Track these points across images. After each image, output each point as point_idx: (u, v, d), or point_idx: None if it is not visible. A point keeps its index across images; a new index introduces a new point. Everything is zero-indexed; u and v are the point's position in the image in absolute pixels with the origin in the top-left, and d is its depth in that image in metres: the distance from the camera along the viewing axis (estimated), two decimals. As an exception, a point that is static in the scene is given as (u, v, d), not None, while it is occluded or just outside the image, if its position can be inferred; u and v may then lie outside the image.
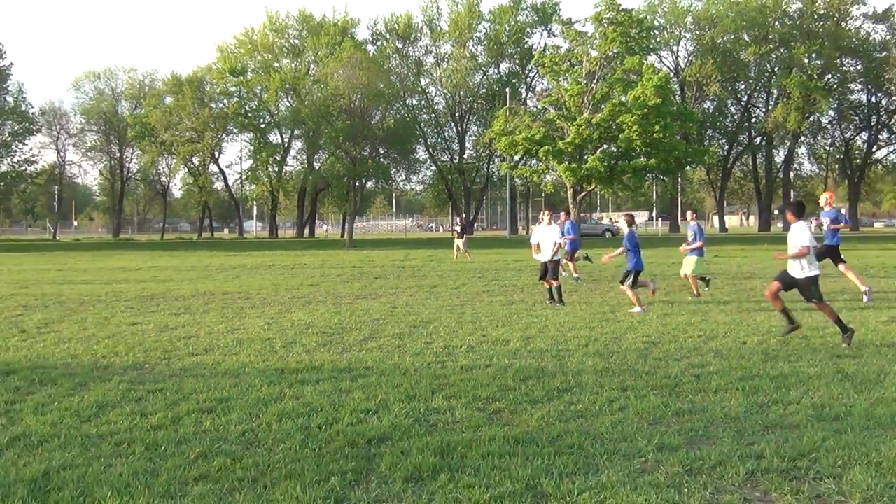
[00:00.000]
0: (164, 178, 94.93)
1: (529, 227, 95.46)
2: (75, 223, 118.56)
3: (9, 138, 60.59)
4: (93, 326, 12.78)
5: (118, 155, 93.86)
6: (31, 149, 64.81)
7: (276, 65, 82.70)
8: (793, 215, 11.06)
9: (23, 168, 61.34)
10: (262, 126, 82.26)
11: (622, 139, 45.25)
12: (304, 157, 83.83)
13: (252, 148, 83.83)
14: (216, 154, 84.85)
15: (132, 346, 10.65)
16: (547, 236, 16.08)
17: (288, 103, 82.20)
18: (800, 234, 10.70)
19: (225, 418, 6.83)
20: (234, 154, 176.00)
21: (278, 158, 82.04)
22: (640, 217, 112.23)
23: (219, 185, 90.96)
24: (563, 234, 17.92)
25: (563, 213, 23.75)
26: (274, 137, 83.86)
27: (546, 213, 16.56)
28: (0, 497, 4.95)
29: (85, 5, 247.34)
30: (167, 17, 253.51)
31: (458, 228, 36.03)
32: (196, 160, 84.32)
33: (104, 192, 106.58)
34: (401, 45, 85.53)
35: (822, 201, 16.79)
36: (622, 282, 14.61)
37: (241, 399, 7.53)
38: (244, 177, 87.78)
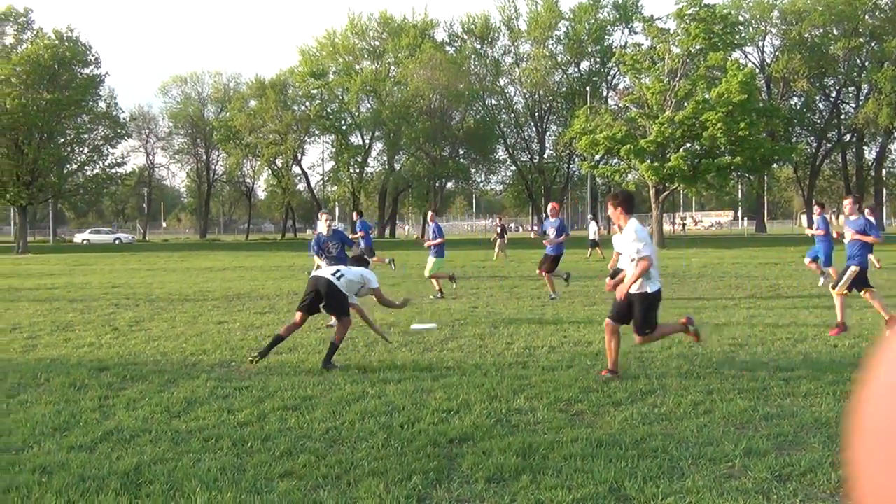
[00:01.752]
0: (248, 180, 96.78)
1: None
2: (164, 224, 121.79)
3: (101, 142, 62.41)
4: (181, 325, 13.09)
5: (204, 157, 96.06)
6: (121, 153, 66.77)
7: (358, 67, 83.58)
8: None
9: (113, 171, 63.14)
10: (344, 128, 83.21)
11: (706, 137, 44.41)
12: (385, 158, 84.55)
13: (334, 149, 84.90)
14: (299, 156, 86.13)
15: (219, 345, 10.88)
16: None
17: (369, 105, 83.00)
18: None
19: (309, 416, 6.92)
20: (317, 156, 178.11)
21: (359, 160, 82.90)
22: (725, 217, 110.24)
23: (301, 186, 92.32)
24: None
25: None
26: (355, 139, 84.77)
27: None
28: (95, 489, 5.10)
29: (173, 12, 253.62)
30: (252, 22, 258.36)
31: (498, 229, 36.53)
32: (279, 162, 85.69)
33: (191, 194, 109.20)
34: (479, 46, 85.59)
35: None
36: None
37: (324, 397, 7.63)
38: (326, 178, 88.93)
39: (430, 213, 20.66)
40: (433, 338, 11.42)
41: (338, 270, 9.51)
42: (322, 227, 13.06)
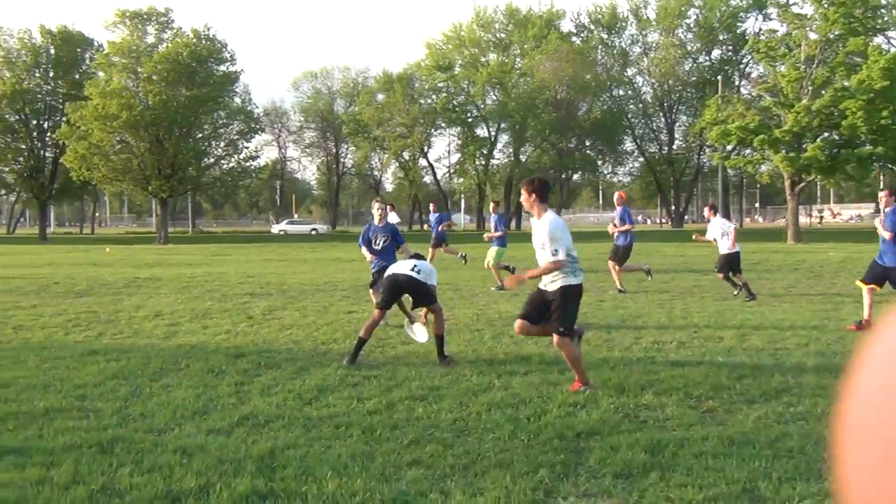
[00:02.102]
0: (376, 173, 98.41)
1: (743, 219, 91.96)
2: (295, 216, 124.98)
3: (236, 137, 64.56)
4: (313, 314, 13.43)
5: (334, 151, 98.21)
6: (255, 146, 68.79)
7: (483, 59, 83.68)
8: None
9: (248, 164, 65.26)
10: (470, 120, 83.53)
11: (845, 126, 42.52)
12: (511, 150, 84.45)
13: (460, 142, 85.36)
14: (425, 148, 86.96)
15: (349, 334, 11.09)
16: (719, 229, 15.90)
17: (494, 97, 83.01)
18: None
19: (436, 406, 7.00)
20: (443, 148, 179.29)
21: (485, 152, 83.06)
22: (866, 209, 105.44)
23: (428, 178, 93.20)
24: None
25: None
26: (481, 131, 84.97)
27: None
28: (232, 471, 5.29)
29: (304, 8, 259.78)
30: (379, 17, 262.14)
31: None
32: (406, 155, 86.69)
33: (321, 187, 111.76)
34: (606, 36, 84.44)
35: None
36: None
37: (451, 388, 7.69)
38: (452, 170, 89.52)
39: (492, 205, 20.83)
40: (559, 331, 11.34)
41: (415, 265, 9.43)
42: (375, 216, 12.49)
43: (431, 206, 22.35)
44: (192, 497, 4.87)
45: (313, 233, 76.12)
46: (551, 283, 7.56)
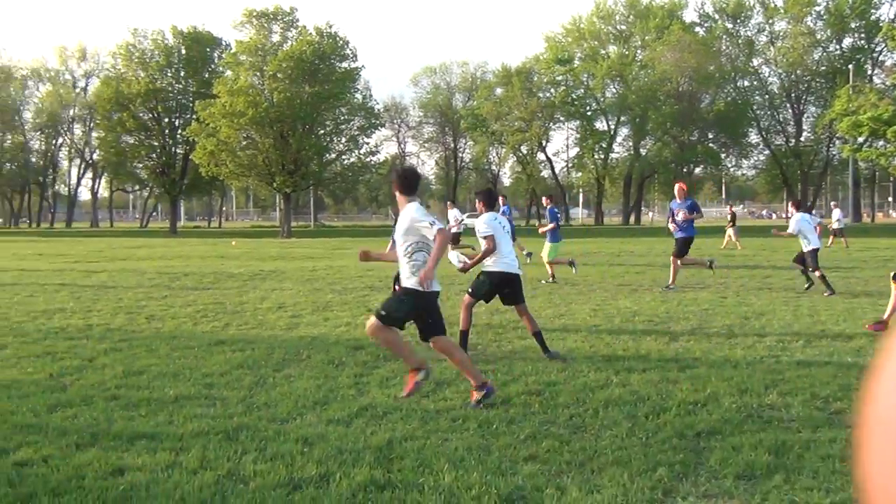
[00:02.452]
0: (493, 167, 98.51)
1: (875, 214, 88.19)
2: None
3: (357, 132, 65.72)
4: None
5: (452, 145, 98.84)
6: (375, 142, 69.91)
7: (603, 52, 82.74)
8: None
9: (368, 159, 66.37)
10: (589, 113, 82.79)
11: None
12: (631, 143, 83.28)
13: (578, 136, 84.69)
14: (543, 142, 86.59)
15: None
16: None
17: (614, 90, 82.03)
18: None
19: (553, 402, 6.97)
20: (561, 142, 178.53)
21: (604, 145, 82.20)
22: None
23: (546, 172, 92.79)
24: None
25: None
26: (600, 124, 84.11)
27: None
28: (351, 461, 5.39)
29: (423, 4, 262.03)
30: (498, 11, 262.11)
31: (729, 216, 35.02)
32: (524, 149, 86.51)
33: (439, 181, 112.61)
34: (731, 25, 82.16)
35: None
36: None
37: (568, 384, 7.64)
38: (570, 164, 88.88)
39: (545, 199, 20.59)
40: (679, 327, 11.14)
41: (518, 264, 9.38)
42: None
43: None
44: (313, 485, 4.99)
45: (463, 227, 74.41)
46: (411, 282, 7.28)
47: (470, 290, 9.35)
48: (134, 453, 5.57)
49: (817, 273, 15.20)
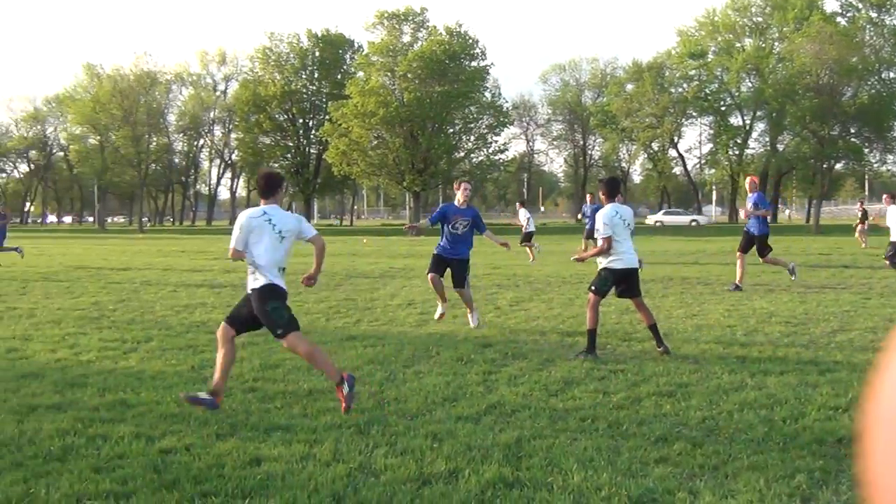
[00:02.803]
0: (624, 164, 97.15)
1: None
2: (542, 208, 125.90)
3: (485, 131, 66.06)
4: (558, 306, 13.48)
5: (581, 143, 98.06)
6: (504, 140, 70.11)
7: (738, 45, 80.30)
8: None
9: (496, 157, 66.61)
10: (723, 109, 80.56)
11: None
12: (767, 138, 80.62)
13: (712, 131, 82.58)
14: (675, 139, 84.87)
15: (594, 327, 11.04)
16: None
17: (750, 84, 79.54)
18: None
19: (685, 403, 6.83)
20: (694, 138, 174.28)
21: (739, 141, 79.84)
22: None
23: (678, 169, 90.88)
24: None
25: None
26: (735, 120, 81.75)
27: None
28: (480, 458, 5.42)
29: (553, 1, 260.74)
30: (628, 5, 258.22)
31: (859, 213, 32.98)
32: (655, 146, 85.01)
33: (568, 179, 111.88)
34: (875, 15, 78.44)
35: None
36: None
37: (700, 385, 7.48)
38: (703, 161, 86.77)
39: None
40: (818, 329, 10.73)
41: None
42: (459, 196, 11.47)
43: (589, 198, 22.33)
44: (442, 481, 5.04)
45: (693, 224, 70.76)
46: (254, 282, 7.00)
47: (593, 287, 9.25)
48: (270, 444, 5.75)
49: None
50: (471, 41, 63.57)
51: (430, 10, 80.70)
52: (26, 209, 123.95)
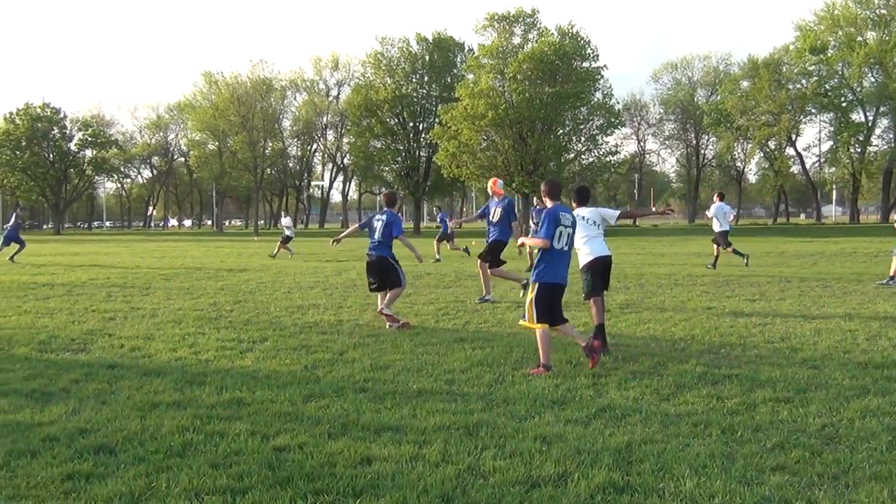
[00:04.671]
0: (738, 164, 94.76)
1: None
2: (653, 209, 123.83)
3: (596, 132, 65.42)
4: (670, 308, 13.23)
5: (694, 142, 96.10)
6: (615, 141, 69.48)
7: (860, 38, 77.30)
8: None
9: (607, 159, 65.87)
10: (844, 105, 77.68)
11: None
12: (891, 135, 77.38)
13: (832, 128, 79.75)
14: (793, 137, 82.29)
15: (708, 330, 10.81)
16: None
17: (873, 79, 76.53)
18: None
19: (803, 410, 6.61)
20: (813, 136, 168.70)
21: (861, 138, 76.84)
22: None
23: (795, 168, 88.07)
24: None
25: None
26: (856, 116, 78.77)
27: None
28: (589, 462, 5.37)
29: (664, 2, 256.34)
30: (742, 1, 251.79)
31: None
32: (772, 144, 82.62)
33: (680, 179, 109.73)
34: None
35: None
36: None
37: (819, 391, 7.23)
38: (823, 159, 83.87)
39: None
40: (948, 334, 10.23)
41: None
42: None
43: (436, 209, 22.51)
44: (551, 484, 5.01)
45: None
46: None
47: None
48: (380, 444, 5.82)
49: None
50: (583, 42, 62.97)
51: (541, 11, 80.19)
52: (149, 213, 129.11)
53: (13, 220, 28.89)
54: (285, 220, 33.88)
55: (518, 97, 59.94)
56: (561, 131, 64.53)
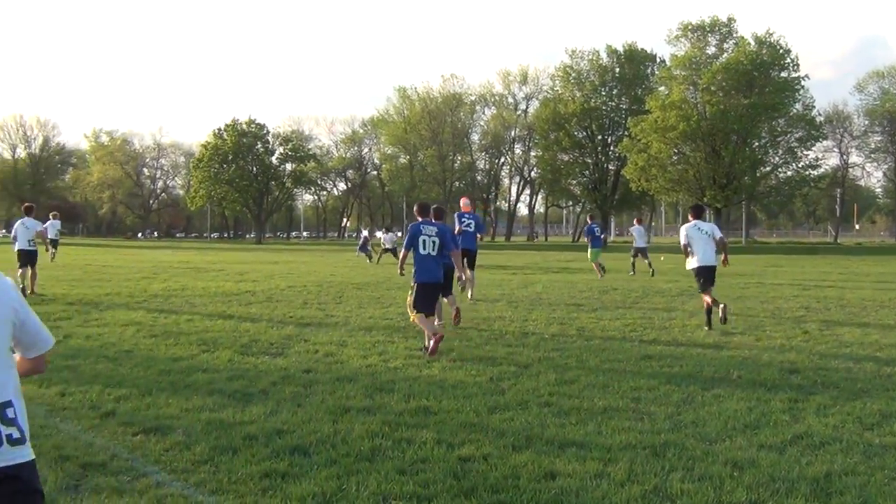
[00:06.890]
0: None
1: None
2: (857, 227, 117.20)
3: (795, 144, 62.67)
4: (875, 332, 12.46)
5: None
6: (815, 154, 66.14)
7: None
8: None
9: (806, 173, 62.90)
10: None
11: None
12: None
13: None
14: None
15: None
16: None
17: None
18: None
19: None
20: None
21: None
22: None
23: None
24: None
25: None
26: None
27: None
28: (784, 491, 5.13)
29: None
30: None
31: None
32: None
33: (888, 195, 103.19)
34: None
35: None
36: None
37: None
38: None
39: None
40: None
41: None
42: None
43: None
44: (742, 511, 4.82)
45: None
46: None
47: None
48: (565, 459, 5.78)
49: None
50: (781, 51, 60.54)
51: (737, 19, 77.53)
52: (343, 224, 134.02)
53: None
54: (386, 235, 35.97)
55: (712, 109, 58.31)
56: (756, 144, 62.24)
